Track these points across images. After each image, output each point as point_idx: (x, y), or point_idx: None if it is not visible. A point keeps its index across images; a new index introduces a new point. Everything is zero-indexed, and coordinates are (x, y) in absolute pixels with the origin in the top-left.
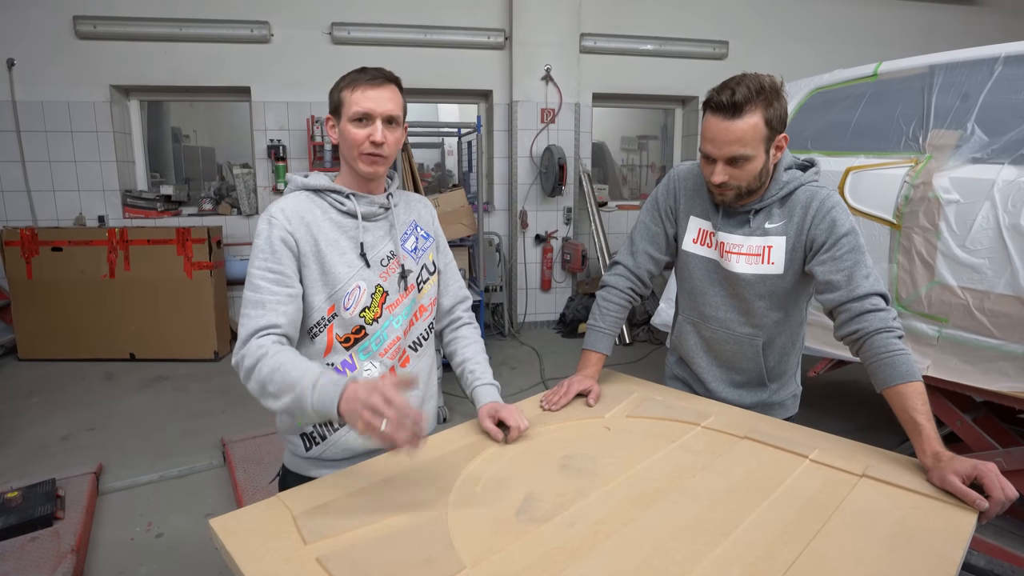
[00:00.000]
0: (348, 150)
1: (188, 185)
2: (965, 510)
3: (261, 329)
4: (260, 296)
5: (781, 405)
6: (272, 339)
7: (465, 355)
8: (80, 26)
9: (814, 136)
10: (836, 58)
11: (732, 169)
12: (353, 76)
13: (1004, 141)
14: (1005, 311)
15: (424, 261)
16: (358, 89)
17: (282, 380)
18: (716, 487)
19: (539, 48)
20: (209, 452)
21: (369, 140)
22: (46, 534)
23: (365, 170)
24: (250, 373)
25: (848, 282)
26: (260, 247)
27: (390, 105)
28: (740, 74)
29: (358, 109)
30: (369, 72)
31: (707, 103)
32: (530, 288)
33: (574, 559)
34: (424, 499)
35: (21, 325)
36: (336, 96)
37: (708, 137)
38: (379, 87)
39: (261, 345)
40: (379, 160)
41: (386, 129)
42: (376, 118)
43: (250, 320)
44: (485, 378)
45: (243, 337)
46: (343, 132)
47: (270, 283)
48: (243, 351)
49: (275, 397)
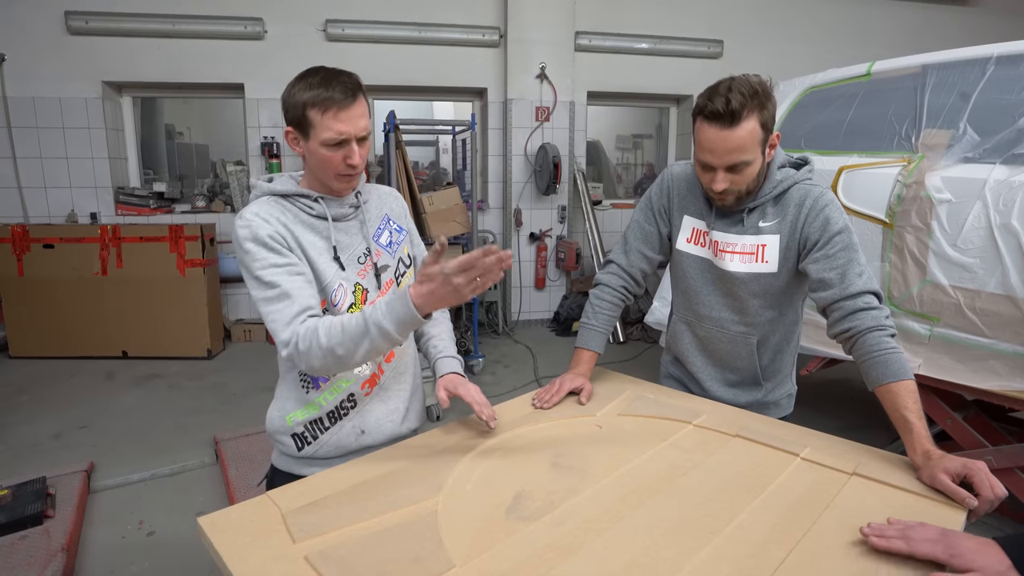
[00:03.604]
0: (321, 171)
1: (181, 182)
2: (954, 508)
3: (297, 314)
4: (279, 290)
5: (776, 404)
6: (314, 319)
7: (430, 333)
8: (72, 21)
9: (807, 135)
10: (830, 57)
11: (733, 176)
12: (319, 94)
13: (995, 141)
14: (996, 310)
15: (400, 254)
16: (329, 112)
17: (349, 335)
18: (707, 485)
19: (534, 46)
20: (201, 450)
21: (346, 163)
22: (36, 532)
23: (342, 188)
24: (309, 352)
25: (841, 280)
26: (253, 250)
27: (363, 122)
28: (728, 78)
29: (332, 136)
30: (336, 87)
31: (700, 111)
32: (524, 286)
33: (564, 557)
34: (414, 497)
35: (12, 323)
36: (299, 112)
37: (707, 147)
38: (350, 106)
39: (307, 326)
40: (354, 177)
41: (359, 147)
42: (352, 141)
43: (281, 312)
44: (448, 351)
45: (282, 325)
46: (314, 153)
47: (282, 275)
48: (295, 335)
49: (350, 353)
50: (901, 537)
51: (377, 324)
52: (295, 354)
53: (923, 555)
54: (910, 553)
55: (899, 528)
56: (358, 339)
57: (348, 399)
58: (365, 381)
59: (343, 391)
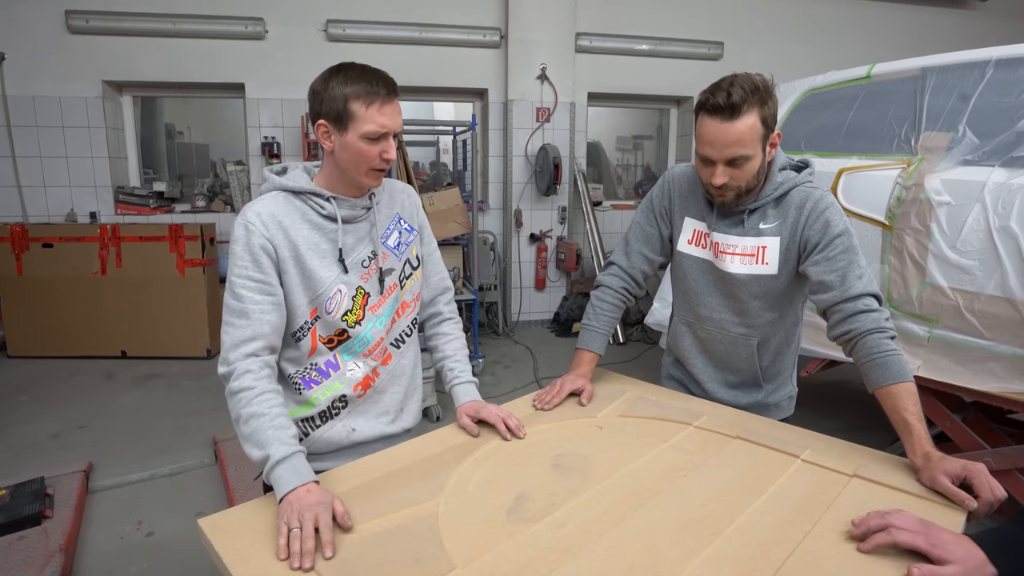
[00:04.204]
0: (354, 165)
1: (181, 182)
2: (954, 510)
3: (246, 340)
4: (243, 305)
5: (776, 406)
6: (258, 363)
7: (445, 352)
8: (72, 20)
9: (807, 137)
10: (830, 59)
11: (732, 170)
12: (364, 88)
13: (995, 144)
14: (995, 312)
15: (408, 256)
16: (374, 105)
17: (256, 432)
18: (708, 487)
19: (535, 47)
20: (201, 450)
21: (382, 157)
22: (34, 533)
23: (372, 184)
24: (232, 397)
25: (841, 282)
26: (239, 254)
27: (399, 119)
28: (731, 75)
29: (374, 128)
30: (381, 84)
31: (702, 106)
32: (524, 287)
33: (565, 559)
34: (415, 499)
35: (11, 322)
36: (339, 104)
37: (707, 140)
38: (392, 102)
39: (248, 370)
40: (385, 173)
41: (392, 143)
42: (391, 135)
43: (235, 329)
44: (464, 376)
45: (229, 346)
46: (350, 146)
47: (252, 291)
48: (231, 367)
49: (243, 437)
50: (882, 528)
51: (266, 460)
52: (225, 378)
53: (904, 545)
54: (892, 543)
55: (879, 521)
56: (253, 444)
57: (340, 399)
58: (358, 383)
59: (336, 392)
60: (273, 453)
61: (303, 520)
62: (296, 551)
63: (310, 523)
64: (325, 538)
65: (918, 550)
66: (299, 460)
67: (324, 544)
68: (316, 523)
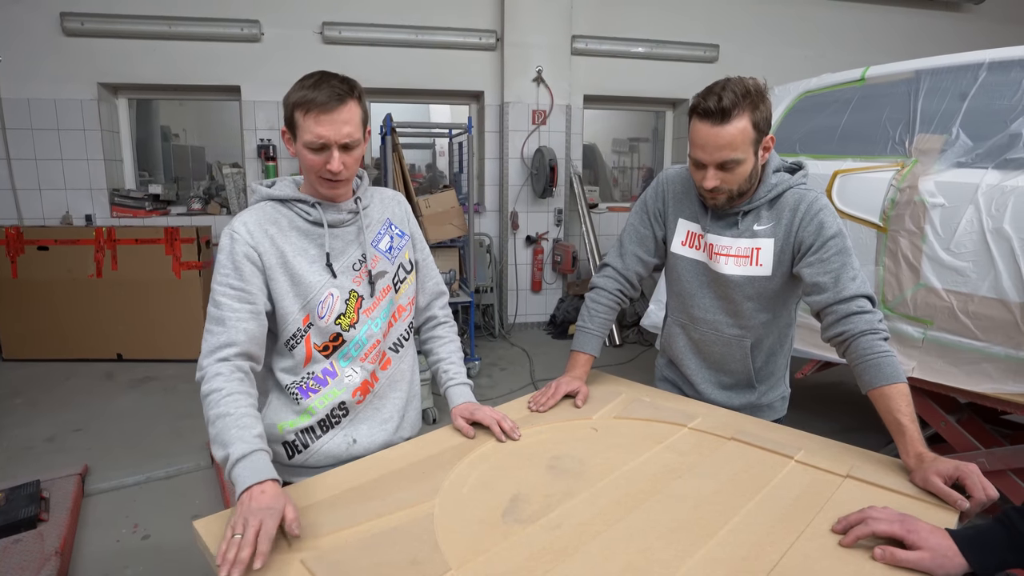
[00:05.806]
0: (307, 173)
1: (177, 184)
2: (947, 510)
3: (221, 347)
4: (221, 312)
5: (769, 407)
6: (230, 367)
7: (440, 355)
8: (67, 23)
9: (802, 139)
10: (825, 62)
11: (723, 174)
12: (306, 94)
13: (988, 146)
14: (988, 314)
15: (400, 260)
16: (311, 115)
17: (221, 432)
18: (702, 488)
19: (531, 49)
20: (196, 453)
21: (325, 168)
22: (30, 536)
23: (325, 193)
24: (203, 400)
25: (835, 284)
26: (222, 262)
27: (347, 129)
28: (724, 78)
29: (311, 139)
30: (323, 90)
31: (694, 109)
32: (520, 289)
33: (560, 560)
34: (410, 500)
35: (6, 325)
36: (288, 111)
37: (698, 144)
38: (334, 111)
39: (219, 373)
40: (338, 184)
41: (343, 154)
42: (332, 146)
43: (212, 336)
44: (459, 378)
45: (204, 352)
46: (300, 154)
47: (231, 299)
48: (203, 371)
49: (211, 439)
50: (861, 521)
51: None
52: (199, 382)
53: (882, 533)
54: (871, 533)
55: (858, 515)
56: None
57: (339, 407)
58: (356, 389)
59: (335, 399)
60: (233, 452)
61: (247, 525)
62: (230, 559)
63: (252, 529)
64: (260, 548)
65: (895, 536)
66: (259, 458)
67: (257, 555)
68: (258, 529)
